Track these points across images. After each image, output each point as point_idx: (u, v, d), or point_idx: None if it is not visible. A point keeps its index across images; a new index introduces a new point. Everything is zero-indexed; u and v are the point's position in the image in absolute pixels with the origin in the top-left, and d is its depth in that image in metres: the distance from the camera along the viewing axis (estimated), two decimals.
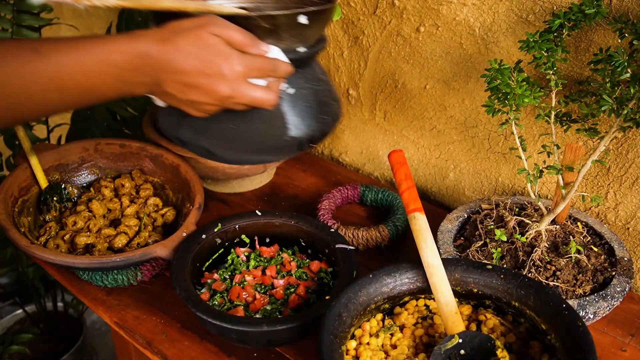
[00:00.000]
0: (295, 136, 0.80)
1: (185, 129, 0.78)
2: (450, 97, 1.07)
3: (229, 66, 0.65)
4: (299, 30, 0.73)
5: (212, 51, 0.64)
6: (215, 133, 0.77)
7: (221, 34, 0.65)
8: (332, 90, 0.87)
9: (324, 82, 0.85)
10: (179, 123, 0.78)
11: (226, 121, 0.76)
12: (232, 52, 0.65)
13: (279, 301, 0.85)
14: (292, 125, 0.79)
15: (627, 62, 0.73)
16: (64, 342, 1.64)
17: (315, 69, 0.85)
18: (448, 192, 1.17)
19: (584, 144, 0.94)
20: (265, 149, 0.80)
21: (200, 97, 0.66)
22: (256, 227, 0.94)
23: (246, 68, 0.66)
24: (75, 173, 1.06)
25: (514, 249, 0.85)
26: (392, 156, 0.81)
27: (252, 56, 0.67)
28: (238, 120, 0.76)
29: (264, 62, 0.68)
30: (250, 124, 0.77)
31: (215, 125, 0.76)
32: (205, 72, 0.64)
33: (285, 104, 0.78)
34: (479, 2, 0.95)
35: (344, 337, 0.69)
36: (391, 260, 0.98)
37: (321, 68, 0.88)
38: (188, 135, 0.78)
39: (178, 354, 0.81)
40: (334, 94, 0.88)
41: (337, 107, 0.86)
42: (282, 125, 0.79)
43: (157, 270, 0.94)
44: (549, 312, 0.69)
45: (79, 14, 1.82)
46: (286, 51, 0.75)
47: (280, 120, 0.78)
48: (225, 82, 0.65)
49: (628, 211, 0.94)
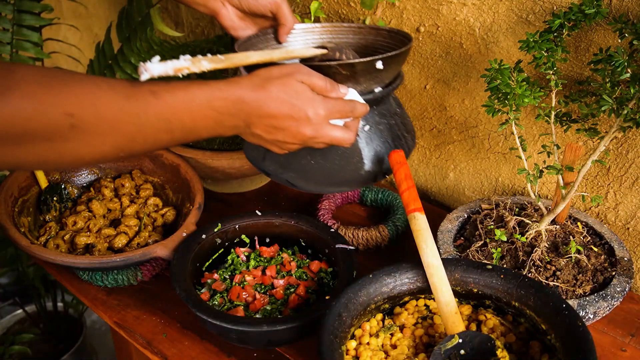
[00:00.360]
0: (370, 170, 0.85)
1: (269, 163, 0.86)
2: (450, 97, 1.07)
3: (314, 110, 0.70)
4: (375, 74, 0.79)
5: (299, 97, 0.69)
6: (296, 167, 0.84)
7: (306, 81, 0.71)
8: (407, 122, 0.92)
9: (399, 116, 0.90)
10: (263, 157, 0.86)
11: (306, 157, 0.83)
12: (316, 97, 0.71)
13: (279, 301, 0.85)
14: (368, 160, 0.85)
15: (627, 62, 0.73)
16: (64, 342, 1.64)
17: (391, 104, 0.90)
18: (448, 192, 1.17)
19: (584, 144, 0.94)
20: (342, 182, 0.86)
21: (286, 138, 0.72)
22: (256, 227, 0.94)
23: (328, 111, 0.72)
24: (75, 173, 1.06)
25: (514, 249, 0.85)
26: (392, 156, 0.81)
27: (333, 100, 0.73)
28: (317, 157, 0.83)
29: (343, 105, 0.74)
30: (329, 160, 0.84)
31: (296, 161, 0.84)
32: (293, 116, 0.69)
33: (361, 141, 0.84)
34: (479, 2, 0.95)
35: (344, 337, 0.69)
36: (391, 260, 0.98)
37: (397, 101, 0.93)
38: (272, 168, 0.86)
39: (178, 354, 0.81)
40: (409, 125, 0.92)
41: (410, 139, 0.91)
42: (358, 161, 0.84)
43: (157, 270, 0.94)
44: (549, 312, 0.69)
45: (79, 14, 1.82)
46: (363, 92, 0.80)
47: (357, 156, 0.84)
48: (309, 125, 0.71)
49: (628, 211, 0.94)
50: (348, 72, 0.77)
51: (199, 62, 0.67)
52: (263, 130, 0.70)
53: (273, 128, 0.70)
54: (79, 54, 1.68)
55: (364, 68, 0.77)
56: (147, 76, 0.62)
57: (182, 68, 0.65)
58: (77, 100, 0.56)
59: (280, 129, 0.70)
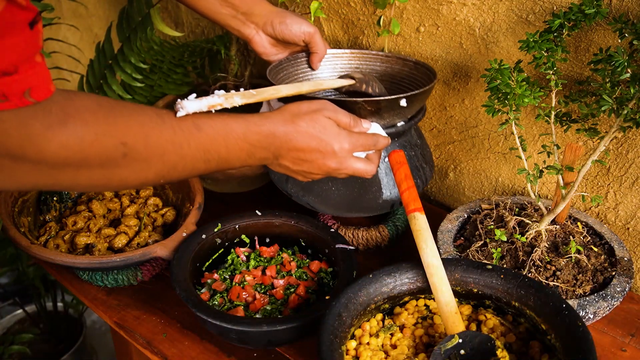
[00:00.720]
0: (387, 199, 0.90)
1: (292, 185, 0.91)
2: (450, 97, 1.07)
3: (339, 144, 0.75)
4: (398, 110, 0.83)
5: (326, 132, 0.74)
6: (317, 192, 0.90)
7: (332, 117, 0.75)
8: (426, 153, 0.96)
9: (419, 147, 0.94)
10: (287, 179, 0.92)
11: (328, 183, 0.89)
12: (341, 132, 0.75)
13: (279, 301, 0.85)
14: (386, 189, 0.90)
15: (627, 62, 0.73)
16: (64, 342, 1.64)
17: (413, 135, 0.94)
18: (448, 192, 1.17)
19: (584, 144, 0.94)
20: (360, 209, 0.91)
21: (311, 169, 0.76)
22: (256, 227, 0.94)
23: (352, 145, 0.76)
24: None
25: (514, 249, 0.85)
26: (392, 156, 0.81)
27: (357, 134, 0.77)
28: (338, 184, 0.89)
29: (366, 139, 0.78)
30: (349, 187, 0.89)
31: (318, 186, 0.89)
32: (320, 150, 0.74)
33: (381, 171, 0.89)
34: (479, 2, 0.95)
35: (344, 337, 0.69)
36: (391, 260, 0.98)
37: (418, 131, 0.97)
38: (294, 190, 0.91)
39: (178, 354, 0.81)
40: (427, 156, 0.97)
41: (428, 169, 0.95)
42: (377, 190, 0.89)
43: (157, 270, 0.94)
44: (549, 312, 0.69)
45: (79, 14, 1.82)
46: (386, 126, 0.84)
47: (376, 185, 0.89)
48: (334, 158, 0.75)
49: (628, 211, 0.94)
50: (372, 108, 0.80)
51: (232, 97, 0.71)
52: (290, 161, 0.75)
53: (300, 160, 0.74)
54: (79, 54, 1.68)
55: (388, 105, 0.81)
56: (183, 113, 0.66)
57: (215, 105, 0.69)
58: (131, 131, 0.59)
59: (307, 161, 0.75)
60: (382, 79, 0.99)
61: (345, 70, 1.01)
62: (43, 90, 0.51)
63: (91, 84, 1.21)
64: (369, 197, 0.89)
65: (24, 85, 0.49)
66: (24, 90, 0.49)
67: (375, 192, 0.89)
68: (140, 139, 0.60)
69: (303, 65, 0.98)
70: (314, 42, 0.94)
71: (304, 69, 0.99)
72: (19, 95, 0.49)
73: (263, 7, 0.92)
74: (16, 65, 0.48)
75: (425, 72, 0.94)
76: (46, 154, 0.53)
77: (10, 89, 0.48)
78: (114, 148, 0.58)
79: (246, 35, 0.94)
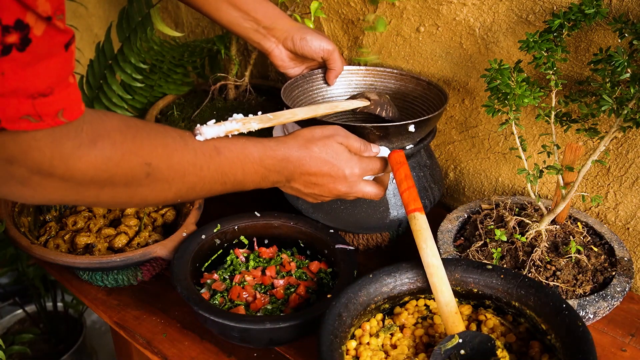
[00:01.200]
0: (394, 219, 0.92)
1: (303, 202, 0.94)
2: (450, 97, 1.07)
3: (350, 170, 0.77)
4: (407, 135, 0.85)
5: (338, 157, 0.77)
6: (327, 210, 0.92)
7: (344, 142, 0.78)
8: (435, 173, 0.98)
9: (428, 167, 0.96)
10: (298, 197, 0.92)
11: (337, 202, 0.91)
12: (353, 158, 0.78)
13: (279, 301, 0.85)
14: (394, 209, 0.92)
15: (627, 62, 0.73)
16: (64, 342, 1.64)
17: (422, 156, 0.96)
18: (448, 192, 1.17)
19: (584, 144, 0.94)
20: (368, 228, 0.94)
21: (322, 192, 0.79)
22: (255, 228, 0.94)
23: (362, 170, 0.79)
24: None
25: (514, 249, 0.85)
26: (392, 156, 0.81)
27: (367, 159, 0.80)
28: (347, 203, 0.91)
29: (376, 163, 0.81)
30: (357, 207, 0.91)
31: (327, 205, 0.92)
32: (331, 175, 0.77)
33: (389, 192, 0.91)
34: (479, 2, 0.95)
35: (344, 337, 0.69)
36: (391, 260, 0.98)
37: (429, 151, 0.99)
38: (304, 207, 0.94)
39: (178, 354, 0.81)
40: (437, 175, 0.98)
41: (437, 189, 0.97)
42: (384, 210, 0.91)
43: (157, 270, 0.94)
44: (549, 312, 0.69)
45: (80, 14, 1.82)
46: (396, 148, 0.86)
47: (384, 205, 0.91)
48: (345, 182, 0.78)
49: (628, 211, 0.94)
50: (381, 133, 0.83)
51: (249, 122, 0.74)
52: (302, 184, 0.77)
53: (311, 183, 0.77)
54: (79, 54, 1.68)
55: (397, 130, 0.83)
56: (201, 139, 0.68)
57: (232, 130, 0.72)
58: (155, 152, 0.62)
59: (318, 184, 0.77)
60: (395, 97, 1.02)
61: (360, 87, 1.04)
62: (75, 110, 0.52)
63: (91, 84, 1.21)
64: (377, 216, 0.91)
65: (58, 106, 0.50)
66: (58, 110, 0.50)
67: (382, 211, 0.91)
68: (163, 160, 0.62)
69: (318, 82, 1.01)
70: (332, 59, 0.96)
71: (319, 85, 1.01)
72: (53, 115, 0.50)
73: (285, 22, 0.94)
74: (52, 87, 0.49)
75: (438, 93, 0.96)
76: (75, 172, 0.55)
77: (45, 110, 0.49)
78: (139, 168, 0.60)
79: (266, 49, 0.96)
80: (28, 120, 0.48)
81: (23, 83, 0.47)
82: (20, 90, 0.47)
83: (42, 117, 0.49)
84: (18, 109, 0.47)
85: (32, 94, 0.47)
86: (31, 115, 0.48)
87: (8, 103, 0.47)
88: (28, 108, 0.48)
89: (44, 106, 0.49)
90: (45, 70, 0.48)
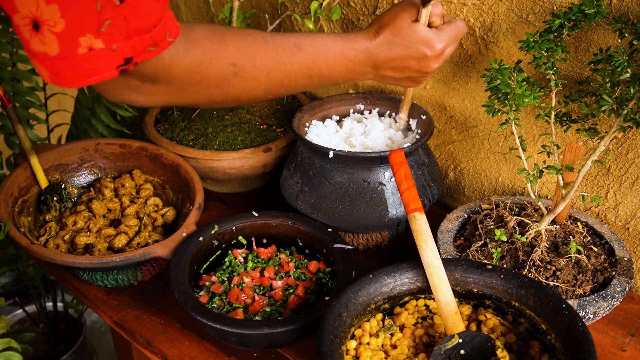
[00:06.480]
0: (393, 217, 0.92)
1: (302, 202, 0.94)
2: (450, 97, 1.07)
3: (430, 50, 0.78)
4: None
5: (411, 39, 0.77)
6: (325, 210, 0.92)
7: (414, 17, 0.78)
8: (434, 171, 0.98)
9: (426, 165, 0.96)
10: (296, 197, 0.94)
11: (335, 202, 0.91)
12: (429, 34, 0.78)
13: (278, 302, 0.84)
14: (392, 208, 0.92)
15: (627, 62, 0.73)
16: (64, 342, 1.64)
17: (420, 154, 0.96)
18: (448, 192, 1.17)
19: (584, 144, 0.94)
20: (367, 227, 0.93)
21: (413, 74, 0.81)
22: (253, 228, 0.94)
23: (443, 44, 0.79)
24: (75, 173, 1.06)
25: (514, 249, 0.85)
26: (392, 156, 0.81)
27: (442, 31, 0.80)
28: (346, 203, 0.90)
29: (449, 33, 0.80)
30: (356, 206, 0.90)
31: (326, 204, 0.91)
32: (414, 57, 0.78)
33: (387, 190, 0.91)
34: (479, 2, 0.95)
35: (344, 337, 0.69)
36: (391, 260, 0.98)
37: (427, 150, 0.99)
38: (303, 207, 0.94)
39: (178, 354, 0.81)
40: (435, 174, 0.98)
41: (435, 188, 0.97)
42: (383, 209, 0.91)
43: (157, 270, 0.94)
44: (549, 312, 0.69)
45: None
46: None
47: (382, 204, 0.91)
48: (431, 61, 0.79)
49: (628, 211, 0.94)
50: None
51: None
52: (391, 71, 0.80)
53: (400, 68, 0.79)
54: None
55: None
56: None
57: None
58: (239, 53, 0.68)
59: (408, 67, 0.79)
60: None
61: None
62: (175, 29, 0.61)
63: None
64: (375, 215, 0.91)
65: (165, 30, 0.59)
66: (166, 34, 0.59)
67: (381, 210, 0.91)
68: (247, 59, 0.68)
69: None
70: None
71: None
72: (164, 39, 0.59)
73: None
74: (159, 17, 0.58)
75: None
76: (174, 77, 0.64)
77: (158, 38, 0.58)
78: (226, 68, 0.67)
79: None
80: (149, 50, 0.58)
81: (141, 22, 0.56)
82: (141, 29, 0.56)
83: (158, 43, 0.59)
84: (142, 44, 0.57)
85: (148, 29, 0.57)
86: (151, 46, 0.58)
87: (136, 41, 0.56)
88: (148, 41, 0.57)
89: (157, 35, 0.58)
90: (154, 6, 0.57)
